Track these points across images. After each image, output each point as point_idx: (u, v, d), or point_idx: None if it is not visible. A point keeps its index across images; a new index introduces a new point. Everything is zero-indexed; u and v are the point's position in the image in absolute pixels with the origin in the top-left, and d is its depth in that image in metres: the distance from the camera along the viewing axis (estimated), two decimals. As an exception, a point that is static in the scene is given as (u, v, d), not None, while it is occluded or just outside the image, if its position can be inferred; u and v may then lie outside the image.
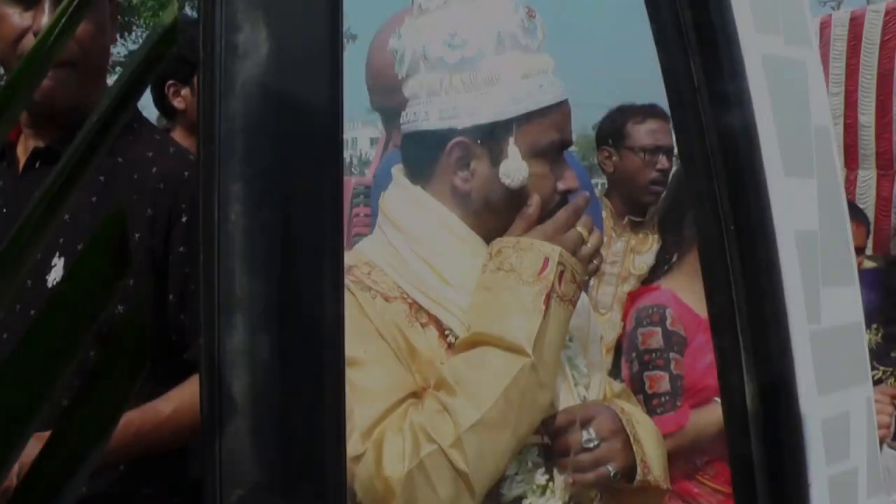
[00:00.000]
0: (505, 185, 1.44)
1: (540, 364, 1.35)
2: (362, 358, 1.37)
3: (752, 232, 0.77)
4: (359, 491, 1.32)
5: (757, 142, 0.79)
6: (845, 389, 0.91)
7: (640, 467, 1.44)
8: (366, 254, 1.52)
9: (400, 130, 1.57)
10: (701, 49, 0.76)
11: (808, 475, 0.84)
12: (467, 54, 1.43)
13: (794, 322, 0.82)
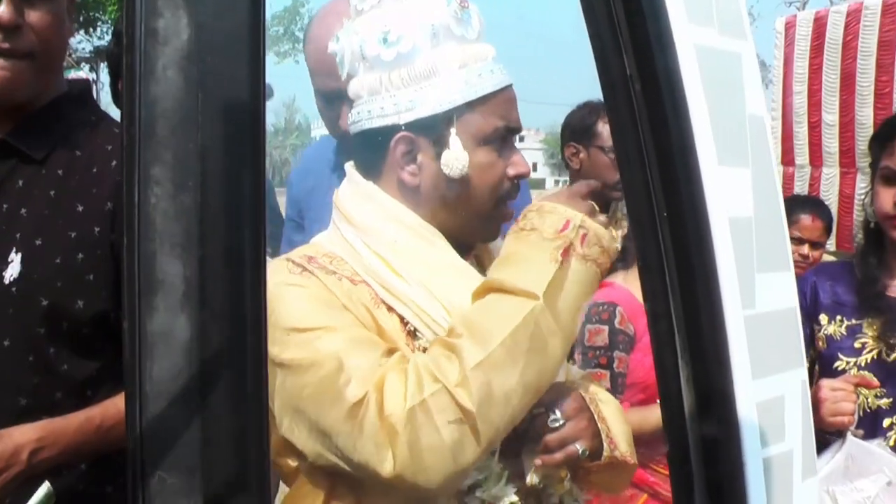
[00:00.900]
0: (446, 174, 1.46)
1: (552, 310, 1.35)
2: (336, 325, 1.39)
3: (685, 219, 0.79)
4: (359, 437, 1.31)
5: (690, 131, 0.80)
6: (781, 373, 0.92)
7: (606, 444, 1.47)
8: (324, 246, 1.55)
9: (341, 119, 1.59)
10: (633, 39, 0.78)
11: (744, 457, 0.86)
12: (403, 50, 1.45)
13: (728, 307, 0.83)
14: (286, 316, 1.40)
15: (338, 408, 1.32)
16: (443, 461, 1.30)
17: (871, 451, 2.15)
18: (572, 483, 1.54)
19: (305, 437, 1.37)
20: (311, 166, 2.67)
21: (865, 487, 2.07)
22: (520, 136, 1.71)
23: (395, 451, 1.28)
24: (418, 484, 1.32)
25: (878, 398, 2.28)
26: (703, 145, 0.81)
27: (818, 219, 3.73)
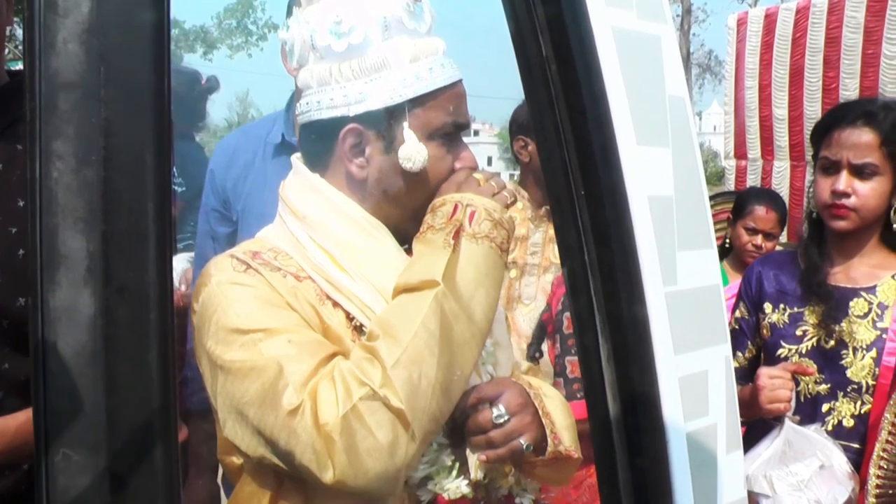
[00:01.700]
0: (406, 168, 1.45)
1: (453, 293, 1.36)
2: (280, 326, 1.38)
3: (603, 197, 0.80)
4: (297, 444, 1.31)
5: (607, 112, 0.81)
6: (704, 349, 0.94)
7: (550, 439, 1.47)
8: (270, 240, 1.53)
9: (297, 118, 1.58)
10: (548, 21, 0.79)
11: (666, 432, 0.87)
12: (354, 41, 1.43)
13: (648, 283, 0.85)
14: (230, 316, 1.39)
15: (275, 414, 1.32)
16: (382, 462, 1.31)
17: (808, 436, 2.20)
18: (518, 475, 1.55)
19: (248, 441, 1.37)
20: (236, 156, 2.59)
21: (800, 471, 2.12)
22: (474, 131, 1.70)
23: (333, 458, 1.29)
24: (361, 487, 1.33)
25: (818, 384, 2.32)
26: (620, 125, 0.83)
27: (772, 210, 3.79)
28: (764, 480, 2.14)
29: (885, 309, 2.28)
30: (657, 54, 0.91)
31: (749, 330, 2.53)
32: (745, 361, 2.54)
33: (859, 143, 2.25)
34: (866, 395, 2.27)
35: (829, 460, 2.14)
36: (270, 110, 2.85)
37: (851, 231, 2.31)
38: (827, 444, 2.18)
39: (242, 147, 2.58)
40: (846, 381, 2.30)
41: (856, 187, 2.26)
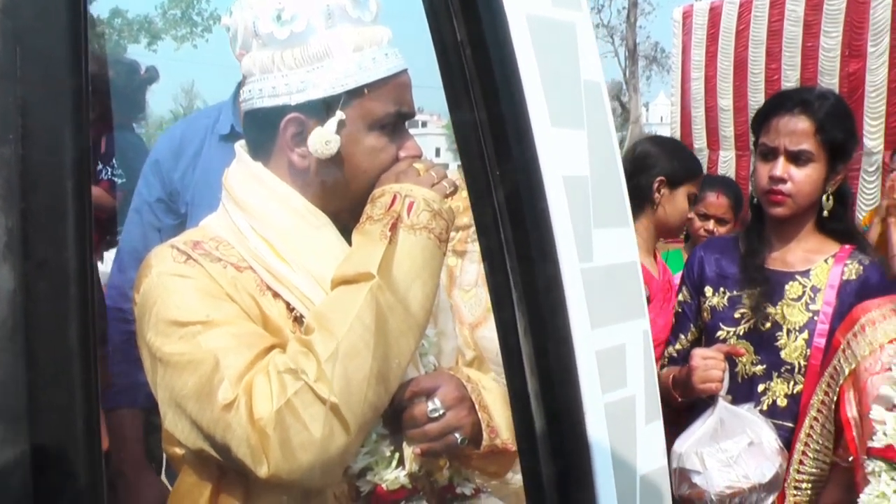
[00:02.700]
0: (315, 155, 1.42)
1: (388, 286, 1.34)
2: (219, 318, 1.37)
3: (517, 177, 0.83)
4: (233, 439, 1.31)
5: (521, 95, 0.85)
6: (621, 323, 0.98)
7: (486, 432, 1.46)
8: (212, 229, 1.51)
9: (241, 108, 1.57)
10: (463, 7, 0.82)
11: (583, 403, 0.91)
12: (297, 29, 1.41)
13: (564, 260, 0.88)
14: (169, 308, 1.38)
15: (211, 409, 1.32)
16: (317, 456, 1.31)
17: (740, 415, 2.26)
18: (457, 466, 1.55)
19: (187, 433, 1.37)
20: (183, 146, 2.53)
21: (729, 448, 2.17)
22: (422, 122, 1.70)
23: (268, 454, 1.29)
24: (296, 481, 1.34)
25: (754, 365, 2.38)
26: (535, 108, 0.86)
27: (723, 196, 3.85)
28: (696, 457, 2.20)
29: (817, 292, 2.35)
30: (572, 40, 0.94)
31: (691, 313, 2.59)
32: (688, 343, 2.59)
33: (796, 130, 2.31)
34: (799, 375, 2.34)
35: (759, 437, 2.20)
36: (216, 101, 2.79)
37: (788, 216, 2.37)
38: (757, 421, 2.24)
39: (188, 137, 2.52)
40: (780, 361, 2.36)
41: (792, 173, 2.32)
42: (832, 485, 2.00)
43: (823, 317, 2.31)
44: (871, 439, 1.72)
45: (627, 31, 37.13)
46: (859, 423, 1.83)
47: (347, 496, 1.45)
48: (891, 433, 1.69)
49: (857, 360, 1.85)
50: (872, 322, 1.87)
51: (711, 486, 2.16)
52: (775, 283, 2.39)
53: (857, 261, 2.35)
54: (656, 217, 3.12)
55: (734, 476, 2.14)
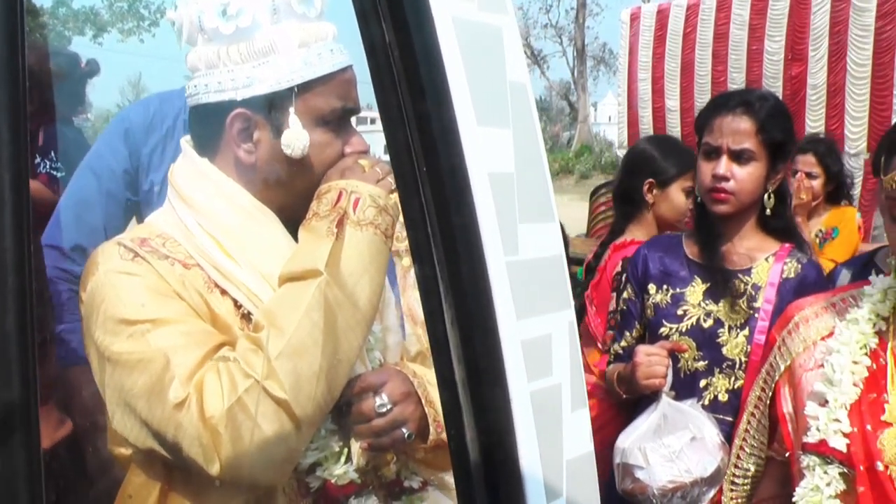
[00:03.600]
0: (287, 154, 1.44)
1: (336, 282, 1.35)
2: (167, 317, 1.37)
3: (444, 174, 0.87)
4: (184, 438, 1.31)
5: (447, 94, 0.88)
6: (546, 314, 1.02)
7: (432, 427, 1.49)
8: (159, 226, 1.52)
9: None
10: (391, 9, 0.85)
11: (509, 391, 0.95)
12: (242, 24, 1.42)
13: (490, 253, 0.92)
14: (117, 306, 1.38)
15: (162, 408, 1.32)
16: (268, 453, 1.32)
17: (683, 410, 2.32)
18: (404, 461, 1.57)
19: (136, 433, 1.36)
20: (155, 122, 2.46)
21: (672, 443, 2.23)
22: (370, 119, 1.71)
23: (219, 452, 1.30)
24: (247, 479, 1.35)
25: (696, 361, 2.45)
26: (461, 107, 0.90)
27: None
28: (639, 452, 2.25)
29: (758, 290, 2.42)
30: (498, 43, 0.98)
31: (636, 311, 2.65)
32: (633, 340, 2.66)
33: (738, 129, 2.39)
34: (739, 371, 2.41)
35: (702, 432, 2.26)
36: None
37: (731, 214, 2.44)
38: (700, 417, 2.30)
39: (163, 113, 2.45)
40: (722, 357, 2.43)
41: (734, 172, 2.39)
42: (767, 479, 2.06)
43: (763, 314, 2.39)
44: (806, 435, 1.78)
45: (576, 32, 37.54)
46: (794, 418, 1.89)
47: (297, 492, 1.47)
48: (824, 428, 1.75)
49: (792, 357, 1.90)
50: (806, 320, 1.92)
51: (654, 480, 2.21)
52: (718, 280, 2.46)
53: (797, 259, 2.43)
54: (656, 215, 3.22)
55: (676, 471, 2.20)
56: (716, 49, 13.43)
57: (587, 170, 29.04)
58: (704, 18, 13.61)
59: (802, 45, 12.18)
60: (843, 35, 11.57)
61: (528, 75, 1.01)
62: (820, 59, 11.96)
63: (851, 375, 1.76)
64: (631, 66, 14.45)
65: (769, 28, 12.64)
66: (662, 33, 14.14)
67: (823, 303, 1.93)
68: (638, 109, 14.35)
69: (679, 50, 13.82)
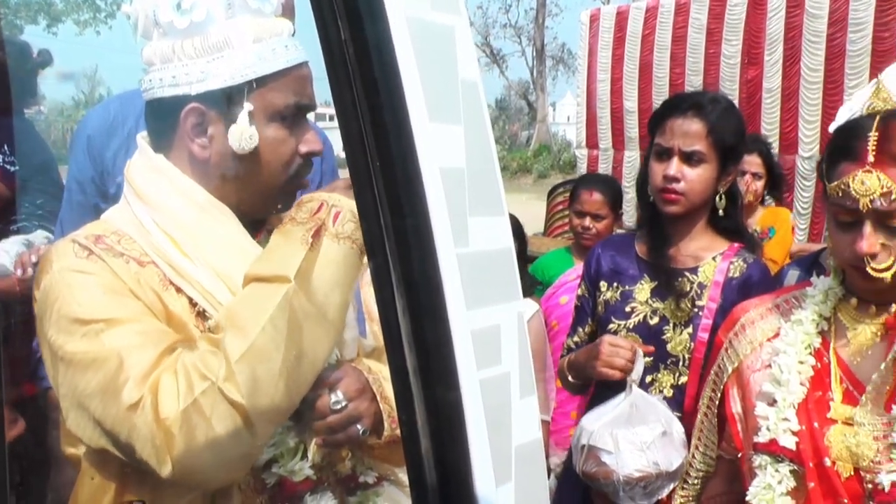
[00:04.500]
0: (235, 150, 1.45)
1: (304, 291, 1.35)
2: (122, 316, 1.37)
3: (396, 168, 0.90)
4: (138, 439, 1.31)
5: (400, 91, 0.91)
6: (496, 305, 1.05)
7: (387, 423, 1.51)
8: (114, 223, 1.52)
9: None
10: (347, 8, 0.88)
11: (459, 378, 0.98)
12: (196, 19, 1.42)
13: (440, 245, 0.95)
14: (71, 305, 1.38)
15: (116, 409, 1.32)
16: (221, 456, 1.32)
17: (653, 403, 2.37)
18: (359, 456, 1.60)
19: (90, 433, 1.36)
20: (116, 125, 2.44)
21: (644, 434, 2.28)
22: (329, 116, 1.71)
23: (172, 454, 1.29)
24: (199, 481, 1.36)
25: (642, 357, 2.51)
26: (413, 104, 0.93)
27: (596, 192, 4.03)
28: (609, 437, 2.28)
29: (704, 288, 2.49)
30: (451, 42, 1.02)
31: (588, 307, 2.71)
32: (585, 336, 2.72)
33: (689, 132, 2.45)
34: (683, 367, 2.48)
35: (671, 428, 2.31)
36: (120, 89, 2.71)
37: (682, 214, 2.51)
38: (668, 413, 2.36)
39: (123, 114, 2.44)
40: (666, 354, 2.50)
41: (685, 173, 2.46)
42: (716, 477, 2.13)
43: (707, 312, 2.46)
44: (757, 434, 1.83)
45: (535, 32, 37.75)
46: (743, 418, 1.95)
47: (253, 488, 1.48)
48: (773, 428, 1.81)
49: (740, 359, 1.97)
50: (752, 322, 1.99)
51: (621, 467, 2.25)
52: (665, 278, 2.53)
53: (743, 259, 2.51)
54: None
55: (645, 461, 2.26)
56: (674, 52, 13.62)
57: (545, 169, 29.29)
58: (663, 21, 13.80)
59: (758, 50, 12.41)
60: (797, 41, 11.81)
61: (479, 74, 1.04)
62: (775, 64, 12.19)
63: (798, 375, 1.82)
64: (590, 66, 14.59)
65: (726, 32, 12.85)
66: (621, 35, 14.29)
67: (768, 304, 1.99)
68: (596, 110, 14.50)
69: (637, 52, 13.99)
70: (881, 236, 1.68)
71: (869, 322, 1.81)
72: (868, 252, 1.67)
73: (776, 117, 12.27)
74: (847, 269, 1.80)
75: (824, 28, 11.45)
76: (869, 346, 1.80)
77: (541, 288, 4.00)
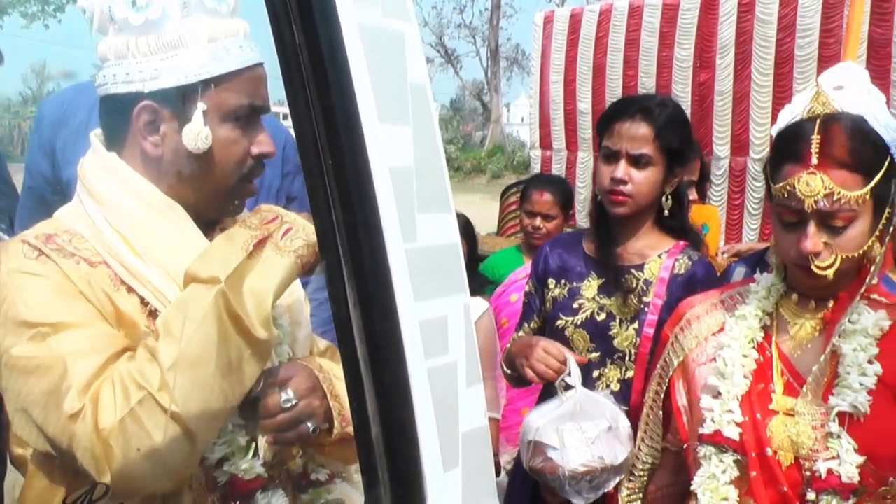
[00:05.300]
0: (189, 149, 1.45)
1: (235, 295, 1.35)
2: (70, 320, 1.36)
3: (347, 166, 0.95)
4: (78, 448, 1.31)
5: (352, 93, 0.96)
6: (443, 297, 1.10)
7: (338, 421, 1.51)
8: (66, 221, 1.50)
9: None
10: (301, 14, 0.92)
11: (407, 367, 1.03)
12: (151, 16, 1.42)
13: (389, 240, 1.00)
14: (19, 308, 1.37)
15: (57, 417, 1.32)
16: (160, 464, 1.33)
17: (598, 400, 2.41)
18: (310, 454, 1.61)
19: (34, 438, 1.36)
20: (68, 115, 2.40)
21: (589, 429, 2.31)
22: (283, 116, 1.70)
23: (111, 464, 1.30)
24: (139, 489, 1.37)
25: (590, 352, 2.57)
26: (364, 105, 0.98)
27: (547, 193, 4.09)
28: (555, 433, 2.31)
29: (649, 285, 2.55)
30: (400, 47, 1.06)
31: (534, 304, 2.76)
32: (531, 331, 2.77)
33: (636, 135, 2.50)
34: (630, 361, 2.53)
35: (617, 423, 2.35)
36: (70, 85, 2.66)
37: (629, 215, 2.57)
38: (615, 408, 2.40)
39: (76, 105, 2.38)
40: (613, 349, 2.56)
41: (632, 175, 2.51)
42: (662, 469, 2.18)
43: (653, 308, 2.52)
44: (701, 426, 1.90)
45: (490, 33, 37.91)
46: (689, 410, 2.01)
47: (205, 487, 1.49)
48: (718, 419, 1.87)
49: (685, 353, 2.03)
50: (697, 317, 2.05)
51: (567, 462, 2.29)
52: (612, 275, 2.59)
53: (688, 256, 2.57)
54: None
55: (590, 455, 2.28)
56: (627, 54, 13.79)
57: (499, 169, 29.42)
58: (616, 24, 13.96)
59: (710, 54, 12.61)
60: (748, 45, 12.02)
61: (427, 77, 1.09)
62: (727, 68, 12.41)
63: (741, 368, 1.89)
64: (543, 68, 14.71)
65: (679, 36, 13.05)
66: (575, 37, 14.42)
67: (713, 300, 2.06)
68: (550, 111, 14.61)
69: (591, 54, 14.13)
70: (824, 235, 1.75)
71: (809, 317, 1.89)
72: (812, 251, 1.74)
73: (728, 120, 12.49)
74: (791, 267, 1.87)
75: (774, 33, 11.69)
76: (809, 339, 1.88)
77: (492, 287, 4.05)
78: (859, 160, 1.72)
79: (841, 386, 1.78)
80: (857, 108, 1.77)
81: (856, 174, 1.72)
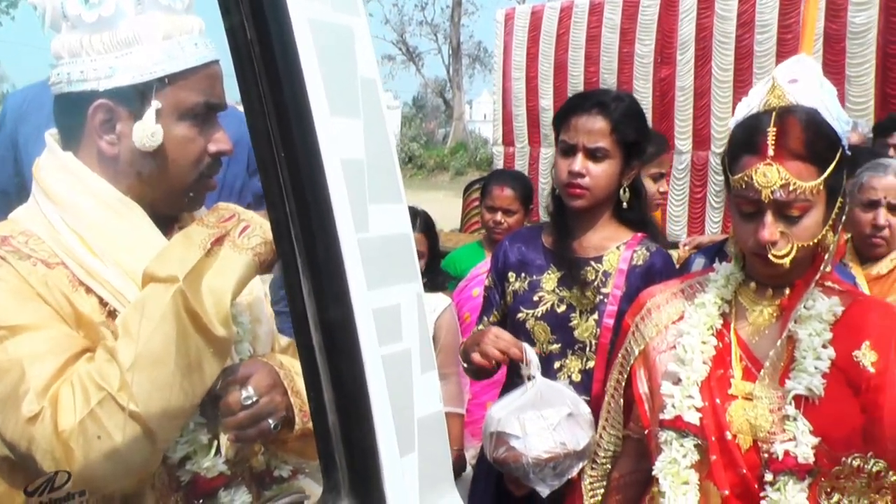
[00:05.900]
0: (140, 147, 1.42)
1: (193, 294, 1.33)
2: (27, 323, 1.34)
3: (300, 159, 0.97)
4: (37, 451, 1.29)
5: (303, 87, 0.98)
6: (395, 286, 1.13)
7: (299, 417, 1.49)
8: (21, 223, 1.48)
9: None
10: (252, 10, 0.94)
11: (362, 355, 1.05)
12: (105, 13, 1.40)
13: (342, 231, 1.02)
14: None
15: (16, 420, 1.31)
16: (120, 464, 1.33)
17: (558, 389, 2.42)
18: (272, 451, 1.60)
19: None
20: (31, 110, 2.35)
21: (550, 416, 2.32)
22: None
23: (71, 466, 1.28)
24: (101, 489, 1.36)
25: (550, 344, 2.59)
26: (315, 99, 1.00)
27: (507, 188, 4.11)
28: (516, 422, 2.31)
29: (608, 276, 2.57)
30: (350, 42, 1.09)
31: (494, 298, 2.78)
32: (490, 325, 2.79)
33: (593, 129, 2.52)
34: (590, 352, 2.55)
35: (577, 409, 2.36)
36: (24, 84, 2.60)
37: (586, 208, 2.59)
38: (575, 396, 2.41)
39: (37, 102, 2.33)
40: (574, 340, 2.57)
41: (589, 168, 2.53)
42: (624, 456, 2.21)
43: (612, 299, 2.54)
44: (662, 412, 1.93)
45: (451, 30, 37.91)
46: (650, 397, 2.03)
47: (167, 486, 1.47)
48: (678, 405, 1.90)
49: (646, 341, 2.05)
50: (657, 306, 2.08)
51: (529, 450, 2.30)
52: (572, 268, 2.61)
53: (646, 248, 2.60)
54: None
55: (552, 442, 2.27)
56: (588, 51, 13.89)
57: (462, 166, 29.43)
58: (577, 21, 14.06)
59: (671, 50, 12.74)
60: (708, 41, 12.17)
61: (377, 71, 1.12)
62: (687, 63, 12.54)
63: (701, 354, 1.92)
64: (505, 65, 14.77)
65: (639, 32, 13.17)
66: (536, 34, 14.51)
67: (673, 289, 2.09)
68: (512, 108, 14.68)
69: (553, 51, 14.22)
70: (781, 225, 1.80)
71: (766, 304, 1.93)
72: (769, 240, 1.79)
73: (689, 115, 12.63)
74: (749, 256, 1.92)
75: (733, 30, 11.84)
76: (766, 325, 1.91)
77: (454, 282, 4.06)
78: (814, 152, 1.77)
79: (797, 370, 1.82)
80: (811, 100, 1.82)
81: (810, 165, 1.77)
